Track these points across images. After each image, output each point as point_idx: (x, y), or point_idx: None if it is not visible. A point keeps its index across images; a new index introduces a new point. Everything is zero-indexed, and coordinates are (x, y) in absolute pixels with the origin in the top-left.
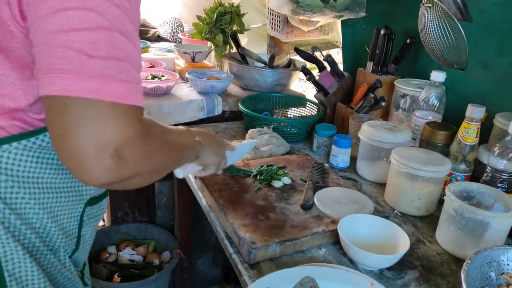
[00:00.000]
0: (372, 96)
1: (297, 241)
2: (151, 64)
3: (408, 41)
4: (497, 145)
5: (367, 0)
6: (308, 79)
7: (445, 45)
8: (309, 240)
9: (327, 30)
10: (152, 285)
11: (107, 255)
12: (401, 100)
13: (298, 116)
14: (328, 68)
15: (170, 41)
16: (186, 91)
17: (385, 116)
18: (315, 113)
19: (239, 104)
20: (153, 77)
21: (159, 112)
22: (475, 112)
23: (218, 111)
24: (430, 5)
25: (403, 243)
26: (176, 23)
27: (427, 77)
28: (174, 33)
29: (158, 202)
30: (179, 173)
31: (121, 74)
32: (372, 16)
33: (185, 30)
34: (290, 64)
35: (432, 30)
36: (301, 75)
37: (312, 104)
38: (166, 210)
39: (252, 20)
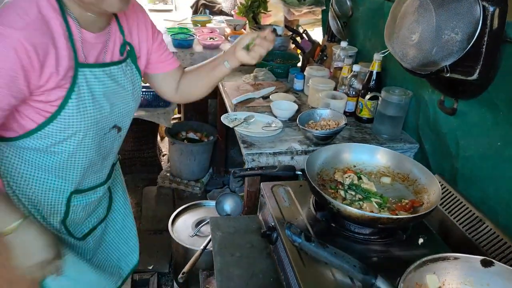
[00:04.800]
0: (321, 54)
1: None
2: (211, 30)
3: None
4: (349, 77)
5: None
6: (293, 43)
7: (338, 31)
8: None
9: (317, 12)
10: (204, 147)
11: (181, 135)
12: (334, 56)
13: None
14: (306, 38)
15: (229, 15)
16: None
17: (330, 65)
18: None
19: None
20: (210, 38)
21: None
22: (354, 66)
23: None
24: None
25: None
26: None
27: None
28: (232, 7)
29: (209, 110)
30: None
31: None
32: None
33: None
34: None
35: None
36: None
37: (298, 57)
38: (213, 115)
39: None
